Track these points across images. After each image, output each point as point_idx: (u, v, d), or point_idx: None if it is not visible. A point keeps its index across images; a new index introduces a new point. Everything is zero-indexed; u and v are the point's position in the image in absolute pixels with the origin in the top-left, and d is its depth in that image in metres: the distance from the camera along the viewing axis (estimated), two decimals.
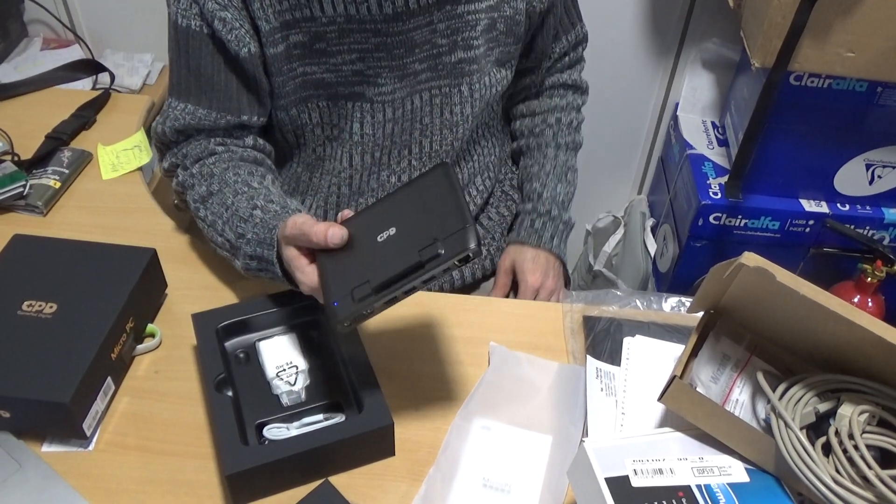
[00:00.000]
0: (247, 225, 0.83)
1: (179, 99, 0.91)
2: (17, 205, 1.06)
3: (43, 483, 0.74)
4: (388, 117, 0.95)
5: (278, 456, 0.71)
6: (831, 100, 1.31)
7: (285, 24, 0.86)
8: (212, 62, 0.88)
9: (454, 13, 0.90)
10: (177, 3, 0.86)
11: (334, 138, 0.97)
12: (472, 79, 0.96)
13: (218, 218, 0.87)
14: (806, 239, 1.49)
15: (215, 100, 0.90)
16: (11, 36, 1.60)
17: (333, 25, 0.87)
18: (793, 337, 0.76)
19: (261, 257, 0.82)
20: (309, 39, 0.88)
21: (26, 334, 0.78)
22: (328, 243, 0.72)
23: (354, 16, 0.86)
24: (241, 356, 0.84)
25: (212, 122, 0.91)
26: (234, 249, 0.86)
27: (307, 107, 0.94)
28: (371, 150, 0.97)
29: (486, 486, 0.76)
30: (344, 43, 0.88)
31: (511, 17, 0.96)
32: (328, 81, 0.91)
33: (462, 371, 0.87)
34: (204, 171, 0.90)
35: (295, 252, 0.77)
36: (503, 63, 1.00)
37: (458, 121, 0.98)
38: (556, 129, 1.13)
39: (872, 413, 0.68)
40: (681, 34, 1.63)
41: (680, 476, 0.67)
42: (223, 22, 0.85)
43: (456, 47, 0.93)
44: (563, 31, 1.09)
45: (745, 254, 0.69)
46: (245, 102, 0.91)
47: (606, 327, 0.90)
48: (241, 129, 0.93)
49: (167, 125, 0.92)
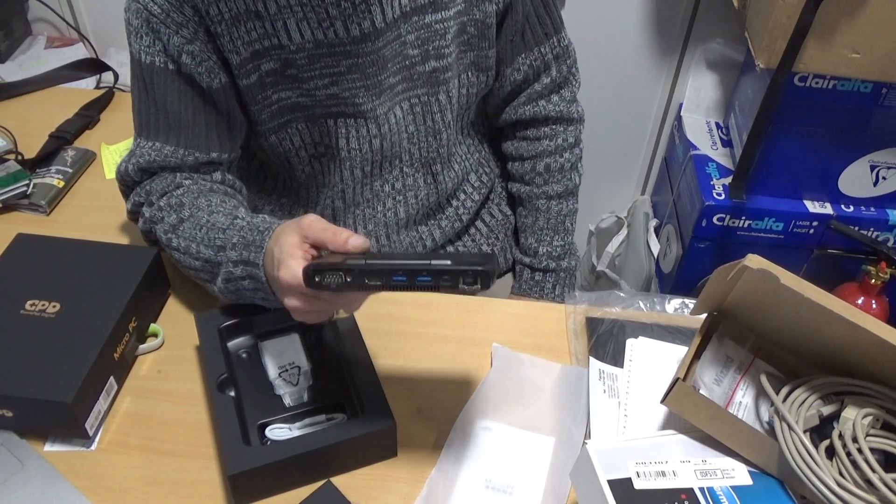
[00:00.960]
0: (228, 232, 0.81)
1: (147, 138, 0.88)
2: (21, 204, 1.06)
3: (45, 482, 0.74)
4: (374, 132, 0.94)
5: (280, 456, 0.71)
6: (836, 101, 1.30)
7: (256, 54, 0.85)
8: (178, 98, 0.86)
9: (422, 23, 0.89)
10: (139, 41, 0.83)
11: (321, 156, 0.95)
12: (449, 86, 0.95)
13: (192, 241, 0.83)
14: (810, 240, 1.49)
15: (183, 136, 0.87)
16: (15, 34, 1.61)
17: (303, 52, 0.85)
18: (796, 339, 0.75)
19: (246, 261, 0.78)
20: (280, 66, 0.86)
21: (29, 334, 0.78)
22: (347, 246, 0.69)
23: (322, 40, 0.85)
24: (243, 356, 0.84)
25: (178, 160, 0.87)
26: (214, 266, 0.82)
27: (287, 132, 0.92)
28: (360, 165, 0.96)
29: (489, 487, 0.75)
30: (315, 68, 0.87)
31: (482, 20, 0.94)
32: (304, 105, 0.90)
33: (465, 372, 0.87)
34: (172, 202, 0.86)
35: (298, 239, 0.72)
36: (481, 68, 0.98)
37: (440, 128, 0.98)
38: (547, 177, 1.08)
39: (876, 416, 0.68)
40: (685, 34, 1.63)
41: (683, 478, 0.67)
42: (191, 55, 0.83)
43: (428, 57, 0.91)
44: (534, 42, 1.00)
45: (749, 256, 0.69)
46: (214, 139, 0.89)
47: (609, 329, 0.90)
48: (208, 165, 0.90)
49: (131, 163, 0.88)
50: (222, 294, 0.84)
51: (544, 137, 1.07)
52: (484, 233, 1.14)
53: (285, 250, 0.72)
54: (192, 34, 0.82)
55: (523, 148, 1.09)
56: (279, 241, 0.74)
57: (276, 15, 0.83)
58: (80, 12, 1.67)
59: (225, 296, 0.84)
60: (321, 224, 0.72)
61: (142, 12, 0.82)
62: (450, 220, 1.07)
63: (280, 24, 0.83)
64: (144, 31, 0.83)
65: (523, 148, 1.09)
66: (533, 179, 1.09)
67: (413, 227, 1.05)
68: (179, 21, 0.82)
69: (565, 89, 1.06)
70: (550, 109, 1.05)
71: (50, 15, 1.66)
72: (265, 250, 0.76)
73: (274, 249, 0.74)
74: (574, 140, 1.09)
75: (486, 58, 0.98)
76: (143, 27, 0.83)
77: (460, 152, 1.06)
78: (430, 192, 1.03)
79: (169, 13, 0.81)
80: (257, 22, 0.83)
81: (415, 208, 1.02)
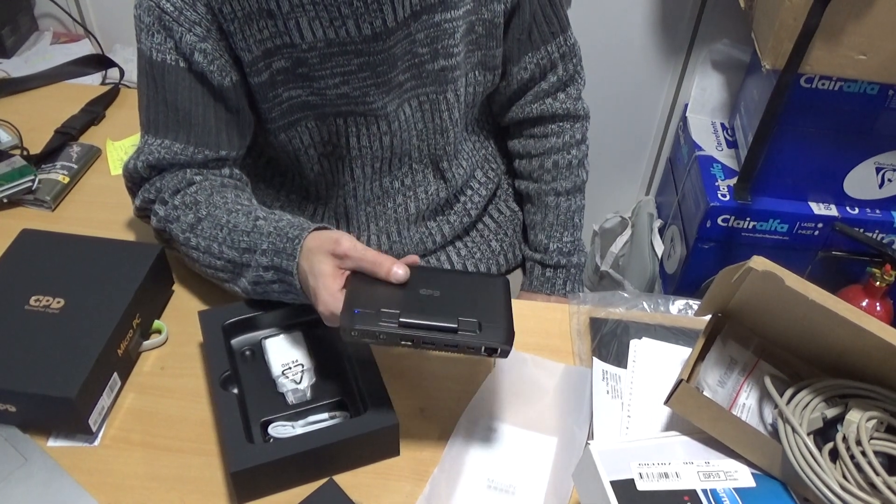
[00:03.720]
0: (254, 236, 0.81)
1: (156, 136, 0.88)
2: (26, 199, 1.07)
3: (48, 477, 0.74)
4: (384, 130, 0.94)
5: (283, 454, 0.72)
6: (842, 102, 1.30)
7: (267, 53, 0.85)
8: (189, 96, 0.85)
9: (431, 22, 0.89)
10: (150, 39, 0.83)
11: (330, 154, 0.95)
12: (457, 84, 0.95)
13: (213, 241, 0.84)
14: (815, 242, 1.49)
15: (193, 134, 0.87)
16: (22, 30, 1.61)
17: (314, 51, 0.85)
18: (801, 341, 0.75)
19: (278, 267, 0.79)
20: (292, 65, 0.86)
21: (33, 329, 0.79)
22: (389, 277, 0.72)
23: (334, 39, 0.85)
24: (247, 354, 0.84)
25: (188, 157, 0.87)
26: (239, 267, 0.83)
27: (297, 130, 0.92)
28: (371, 162, 0.97)
29: (491, 486, 0.75)
30: (327, 67, 0.87)
31: (490, 20, 0.94)
32: (314, 103, 0.90)
33: (468, 371, 0.87)
34: (187, 200, 0.86)
35: (332, 269, 0.74)
36: (488, 67, 0.98)
37: (447, 126, 0.98)
38: (555, 173, 1.09)
39: (880, 419, 0.68)
40: (691, 35, 1.62)
41: (686, 480, 0.67)
42: (204, 53, 0.83)
43: (437, 55, 0.91)
44: (541, 41, 1.00)
45: (754, 258, 0.69)
46: (224, 136, 0.89)
47: (613, 329, 0.90)
48: (217, 161, 0.90)
49: (139, 160, 0.88)
50: (246, 293, 0.84)
51: (552, 135, 1.08)
52: (492, 228, 1.14)
53: (320, 283, 0.74)
54: (205, 32, 0.82)
55: (531, 145, 1.09)
56: (312, 265, 0.76)
57: (289, 14, 0.83)
58: (86, 8, 1.67)
59: (249, 295, 0.84)
60: (359, 253, 0.73)
61: (154, 10, 0.82)
62: (458, 216, 1.08)
63: (292, 22, 0.83)
64: (156, 29, 0.83)
65: (531, 145, 1.09)
66: (541, 176, 1.10)
67: (423, 222, 1.05)
68: (192, 19, 0.82)
69: (571, 87, 1.07)
70: (557, 107, 1.06)
71: (56, 11, 1.66)
72: (297, 261, 0.78)
73: (308, 274, 0.76)
74: (581, 137, 1.09)
75: (493, 57, 0.98)
76: (154, 24, 0.82)
77: (466, 148, 1.06)
78: (440, 188, 1.03)
79: (182, 11, 0.81)
80: (269, 20, 0.83)
81: (424, 203, 1.03)
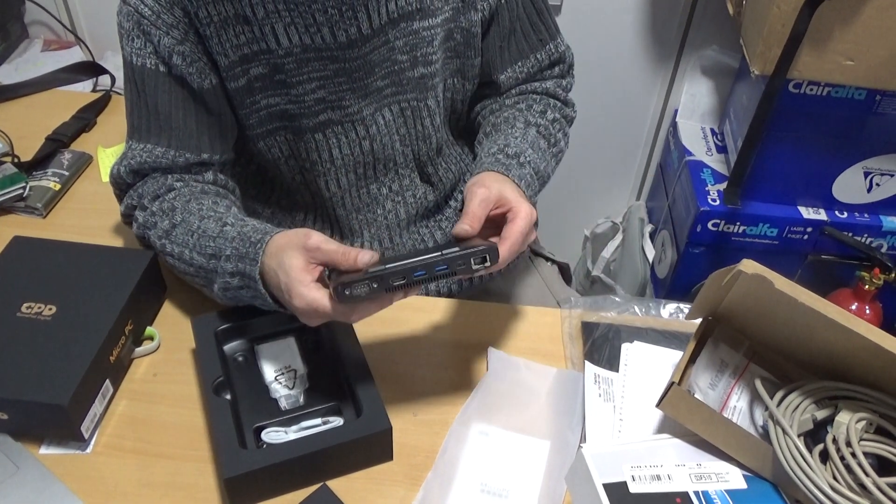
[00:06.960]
0: (219, 241, 0.81)
1: (139, 140, 0.88)
2: (17, 206, 1.06)
3: (40, 485, 0.73)
4: (363, 135, 0.93)
5: (276, 460, 0.71)
6: (830, 107, 1.31)
7: (244, 58, 0.85)
8: (169, 100, 0.86)
9: (410, 30, 0.89)
10: (131, 44, 0.84)
11: (307, 170, 0.95)
12: (437, 91, 0.96)
13: (184, 248, 0.84)
14: (804, 246, 1.49)
15: (174, 138, 0.87)
16: (12, 37, 1.60)
17: (291, 56, 0.86)
18: (791, 344, 0.76)
19: (242, 273, 0.78)
20: (269, 71, 0.87)
21: (25, 336, 0.78)
22: (358, 263, 0.72)
23: (310, 45, 0.85)
24: (239, 360, 0.84)
25: (169, 161, 0.87)
26: (209, 273, 0.83)
27: (275, 140, 0.92)
28: (353, 168, 0.96)
29: (484, 491, 0.76)
30: (303, 73, 0.87)
31: (467, 28, 0.94)
32: (292, 113, 0.90)
33: (460, 376, 0.87)
34: (164, 206, 0.87)
35: (303, 262, 0.73)
36: (466, 76, 0.98)
37: (430, 132, 0.98)
38: (528, 114, 0.97)
39: (870, 421, 0.68)
40: (680, 41, 1.63)
41: (678, 482, 0.67)
42: (182, 56, 0.83)
43: (417, 63, 0.92)
44: (529, 50, 0.99)
45: (744, 261, 0.69)
46: (205, 140, 0.89)
47: (605, 333, 0.91)
48: (200, 166, 0.90)
49: (123, 165, 0.89)
50: (220, 299, 0.84)
51: (532, 101, 1.00)
52: None
53: (293, 276, 0.73)
54: (183, 35, 0.83)
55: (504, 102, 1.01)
56: (281, 262, 0.74)
57: (264, 19, 0.83)
58: (76, 15, 1.67)
59: (223, 301, 0.84)
60: (329, 245, 0.73)
61: (133, 14, 0.82)
62: (450, 221, 1.08)
63: (268, 28, 0.84)
64: (136, 34, 0.83)
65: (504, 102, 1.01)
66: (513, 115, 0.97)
67: (414, 228, 1.05)
68: (170, 22, 0.82)
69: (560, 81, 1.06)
70: (536, 86, 1.02)
71: (47, 18, 1.65)
72: (260, 263, 0.77)
73: (277, 271, 0.75)
74: (562, 115, 1.01)
75: (472, 66, 0.98)
76: (134, 29, 0.83)
77: (454, 153, 1.06)
78: (427, 192, 1.03)
79: (160, 14, 0.82)
80: (245, 26, 0.84)
81: (414, 208, 1.03)
